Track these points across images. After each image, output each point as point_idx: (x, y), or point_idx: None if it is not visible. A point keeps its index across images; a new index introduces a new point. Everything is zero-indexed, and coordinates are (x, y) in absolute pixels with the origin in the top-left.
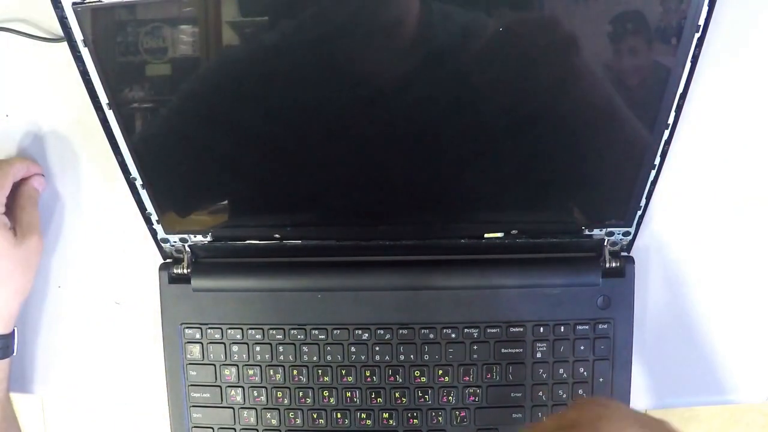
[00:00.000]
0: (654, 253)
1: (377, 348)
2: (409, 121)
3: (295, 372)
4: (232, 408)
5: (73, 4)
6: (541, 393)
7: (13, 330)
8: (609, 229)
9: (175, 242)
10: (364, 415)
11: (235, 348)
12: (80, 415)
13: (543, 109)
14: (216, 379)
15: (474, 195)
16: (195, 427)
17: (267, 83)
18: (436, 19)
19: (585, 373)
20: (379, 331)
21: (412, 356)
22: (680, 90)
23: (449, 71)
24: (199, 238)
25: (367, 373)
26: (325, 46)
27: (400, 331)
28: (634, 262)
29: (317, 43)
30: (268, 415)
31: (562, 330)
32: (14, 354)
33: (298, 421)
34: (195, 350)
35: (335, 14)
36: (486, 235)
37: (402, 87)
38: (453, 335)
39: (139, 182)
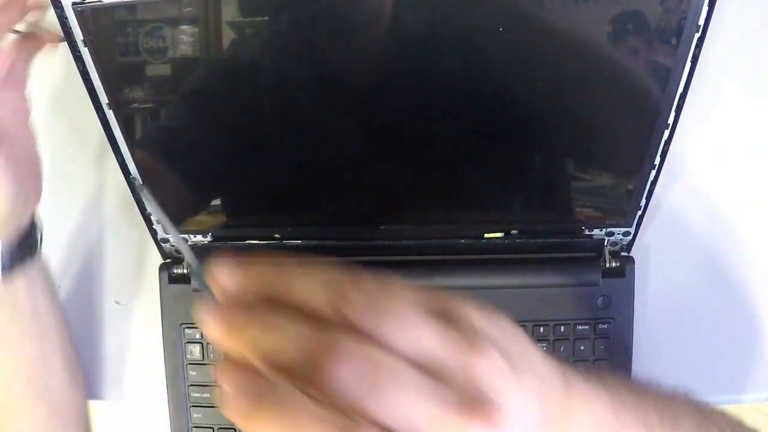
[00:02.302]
0: (654, 253)
1: None
2: (409, 120)
3: None
4: None
5: (73, 4)
6: None
7: None
8: (609, 229)
9: (175, 242)
10: None
11: None
12: None
13: (542, 108)
14: (216, 379)
15: (474, 195)
16: (195, 427)
17: (266, 83)
18: (433, 17)
19: None
20: None
21: None
22: (680, 90)
23: (447, 70)
24: (199, 238)
25: None
26: (323, 48)
27: None
28: (634, 262)
29: (314, 45)
30: None
31: (562, 330)
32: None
33: None
34: (195, 350)
35: (329, 15)
36: (486, 235)
37: (401, 86)
38: None
39: (139, 182)
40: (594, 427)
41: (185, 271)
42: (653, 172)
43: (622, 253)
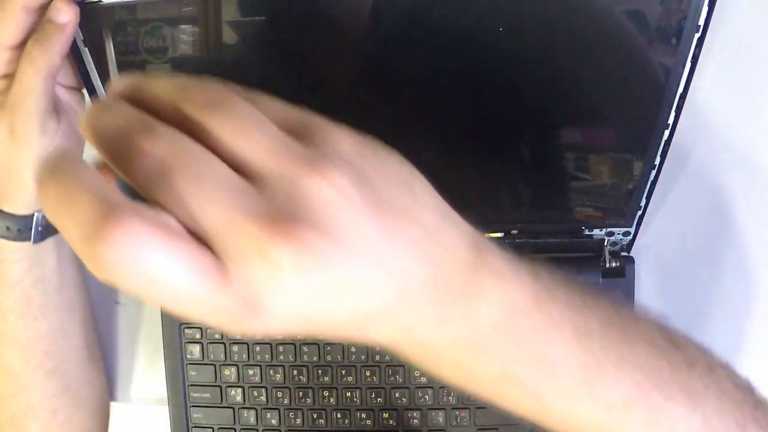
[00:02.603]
0: (654, 253)
1: (377, 347)
2: (406, 116)
3: (295, 372)
4: (232, 408)
5: None
6: None
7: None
8: (609, 229)
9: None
10: (364, 415)
11: (235, 348)
12: None
13: (541, 108)
14: (216, 379)
15: (473, 195)
16: (195, 427)
17: (264, 81)
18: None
19: None
20: None
21: None
22: (680, 90)
23: (441, 65)
24: None
25: (367, 373)
26: (314, 46)
27: None
28: (634, 262)
29: (304, 43)
30: (268, 415)
31: None
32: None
33: (298, 421)
34: (195, 350)
35: (317, 13)
36: (486, 235)
37: (394, 83)
38: None
39: None
40: (506, 314)
41: None
42: (653, 172)
43: (622, 253)
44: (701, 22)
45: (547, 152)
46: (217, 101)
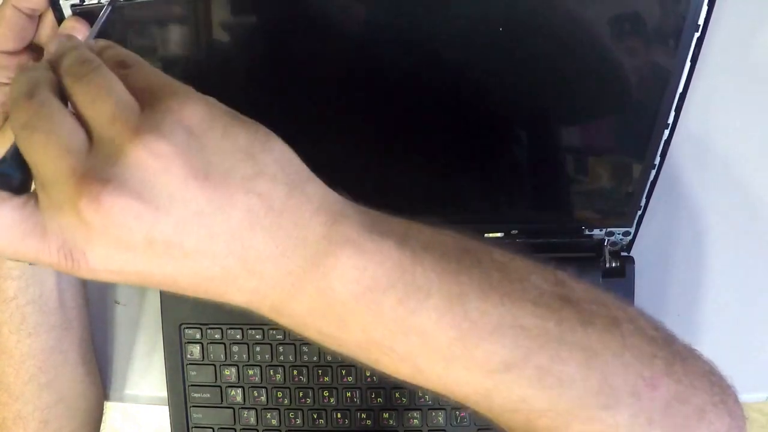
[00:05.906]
0: (654, 253)
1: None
2: (405, 118)
3: (295, 372)
4: (232, 408)
5: (72, 5)
6: None
7: None
8: (609, 229)
9: None
10: (364, 415)
11: (235, 348)
12: None
13: (542, 108)
14: (216, 379)
15: (473, 195)
16: (195, 427)
17: (258, 82)
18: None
19: None
20: None
21: None
22: (680, 90)
23: (442, 65)
24: None
25: (367, 373)
26: (308, 46)
27: None
28: (634, 262)
29: (297, 43)
30: (268, 415)
31: None
32: None
33: (298, 421)
34: (195, 350)
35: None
36: (486, 235)
37: (393, 84)
38: None
39: None
40: (365, 288)
41: None
42: (653, 172)
43: (622, 253)
44: (701, 22)
45: (547, 152)
46: (81, 73)
